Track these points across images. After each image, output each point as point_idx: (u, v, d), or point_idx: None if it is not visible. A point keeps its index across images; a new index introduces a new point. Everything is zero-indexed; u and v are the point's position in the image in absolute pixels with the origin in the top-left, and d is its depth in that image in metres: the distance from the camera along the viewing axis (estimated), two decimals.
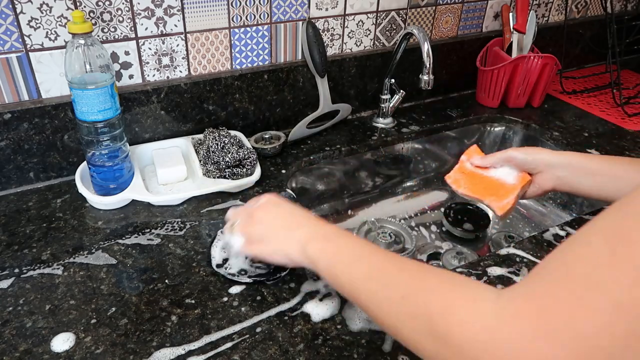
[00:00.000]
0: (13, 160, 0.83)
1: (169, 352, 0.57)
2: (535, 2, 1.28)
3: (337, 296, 0.65)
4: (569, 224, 0.81)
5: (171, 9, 0.86)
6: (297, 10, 0.98)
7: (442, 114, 1.17)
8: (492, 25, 1.25)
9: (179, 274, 0.68)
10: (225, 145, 0.87)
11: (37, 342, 0.58)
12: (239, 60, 0.97)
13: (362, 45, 1.10)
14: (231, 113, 0.99)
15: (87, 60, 0.72)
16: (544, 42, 1.27)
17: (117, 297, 0.64)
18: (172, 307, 0.63)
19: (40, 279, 0.67)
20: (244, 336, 0.59)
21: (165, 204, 0.82)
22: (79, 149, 0.87)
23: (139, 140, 0.92)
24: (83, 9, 0.79)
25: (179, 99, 0.92)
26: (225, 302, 0.64)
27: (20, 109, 0.80)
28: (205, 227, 0.77)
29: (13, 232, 0.75)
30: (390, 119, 1.12)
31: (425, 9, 1.13)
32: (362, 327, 0.61)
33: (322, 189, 1.04)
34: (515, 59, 1.13)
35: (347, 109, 1.09)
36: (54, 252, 0.71)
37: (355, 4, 1.04)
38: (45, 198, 0.83)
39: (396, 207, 1.13)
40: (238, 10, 0.92)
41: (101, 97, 0.74)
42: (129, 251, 0.72)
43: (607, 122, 1.15)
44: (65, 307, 0.63)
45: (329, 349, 0.58)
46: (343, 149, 1.02)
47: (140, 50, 0.87)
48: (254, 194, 0.86)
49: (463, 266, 0.72)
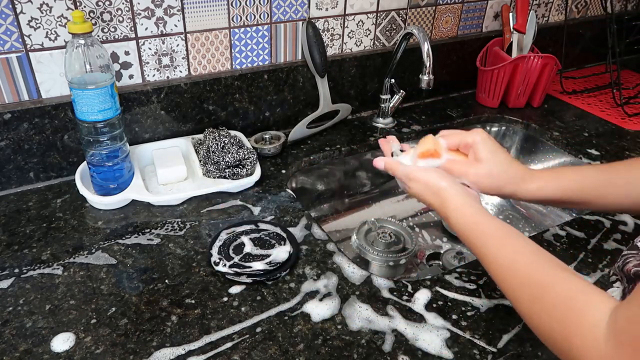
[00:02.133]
0: (13, 160, 0.83)
1: (169, 352, 0.57)
2: (535, 2, 1.28)
3: (337, 296, 0.65)
4: (569, 224, 0.81)
5: (171, 9, 0.86)
6: (297, 10, 0.98)
7: (442, 114, 1.17)
8: (492, 25, 1.25)
9: (179, 274, 0.68)
10: (225, 145, 0.87)
11: (37, 342, 0.58)
12: (239, 60, 0.97)
13: (362, 45, 1.10)
14: (231, 113, 0.99)
15: (87, 60, 0.72)
16: (544, 42, 1.27)
17: (117, 297, 0.64)
18: (172, 307, 0.63)
19: (40, 279, 0.67)
20: (244, 336, 0.60)
21: (165, 204, 0.82)
22: (79, 149, 0.87)
23: (139, 140, 0.92)
24: (83, 9, 0.79)
25: (179, 99, 0.92)
26: (225, 302, 0.64)
27: (20, 109, 0.80)
28: (205, 227, 0.77)
29: (13, 232, 0.75)
30: (390, 119, 1.12)
31: (425, 9, 1.13)
32: (362, 327, 0.61)
33: (322, 189, 1.04)
34: (515, 59, 1.13)
35: (347, 109, 1.09)
36: (54, 252, 0.71)
37: (355, 4, 1.04)
38: (45, 198, 0.83)
39: (396, 207, 1.13)
40: (238, 10, 0.92)
41: (101, 97, 0.74)
42: (129, 251, 0.72)
43: (607, 122, 1.15)
44: (65, 307, 0.63)
45: (329, 349, 0.58)
46: (343, 149, 1.02)
47: (140, 50, 0.87)
48: (254, 194, 0.86)
49: (463, 266, 0.72)
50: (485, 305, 0.65)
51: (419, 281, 0.69)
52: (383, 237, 0.92)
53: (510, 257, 0.52)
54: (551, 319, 0.45)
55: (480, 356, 0.58)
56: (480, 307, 0.65)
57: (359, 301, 0.65)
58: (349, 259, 0.72)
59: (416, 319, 0.62)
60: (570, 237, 0.78)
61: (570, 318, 0.43)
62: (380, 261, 0.89)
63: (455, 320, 0.63)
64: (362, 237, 0.93)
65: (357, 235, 0.92)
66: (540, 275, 0.49)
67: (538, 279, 0.49)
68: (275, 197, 0.85)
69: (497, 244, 0.54)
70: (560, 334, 0.44)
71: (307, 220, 0.80)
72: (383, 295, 0.66)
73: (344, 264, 0.71)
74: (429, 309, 0.64)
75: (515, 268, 0.51)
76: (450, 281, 0.69)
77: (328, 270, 0.70)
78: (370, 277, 0.69)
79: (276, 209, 0.82)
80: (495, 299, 0.66)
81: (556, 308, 0.45)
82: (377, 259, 0.89)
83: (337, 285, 0.67)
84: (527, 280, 0.49)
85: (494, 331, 0.61)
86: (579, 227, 0.81)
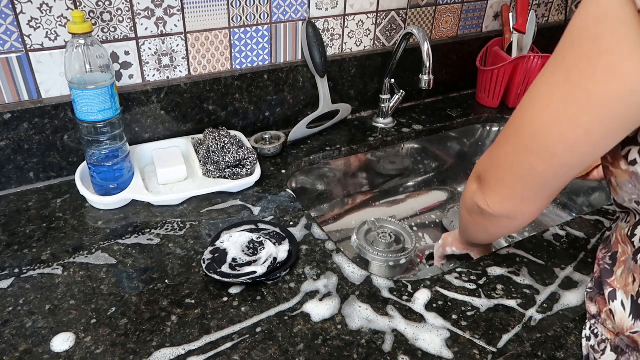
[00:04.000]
0: (13, 160, 0.83)
1: (169, 352, 0.57)
2: (535, 2, 1.28)
3: (337, 296, 0.65)
4: (569, 224, 0.82)
5: (171, 9, 0.86)
6: (297, 10, 0.98)
7: (442, 114, 1.17)
8: (492, 25, 1.25)
9: (179, 274, 0.68)
10: (225, 145, 0.87)
11: (37, 342, 0.58)
12: (239, 60, 0.97)
13: (362, 45, 1.10)
14: (231, 113, 0.99)
15: (87, 60, 0.72)
16: (544, 42, 1.27)
17: (117, 297, 0.64)
18: (172, 307, 0.63)
19: (40, 279, 0.67)
20: (244, 336, 0.60)
21: (165, 204, 0.82)
22: (79, 149, 0.87)
23: (139, 140, 0.92)
24: (83, 9, 0.79)
25: (179, 99, 0.92)
26: (225, 302, 0.64)
27: (20, 109, 0.80)
28: (205, 227, 0.77)
29: (13, 232, 0.75)
30: (390, 119, 1.12)
31: (425, 9, 1.13)
32: (362, 327, 0.61)
33: (322, 189, 1.04)
34: (515, 59, 1.13)
35: (347, 109, 1.09)
36: (54, 252, 0.71)
37: (355, 4, 1.04)
38: (45, 198, 0.83)
39: (396, 207, 1.13)
40: (238, 10, 0.92)
41: (101, 97, 0.74)
42: (129, 251, 0.72)
43: None
44: (65, 307, 0.63)
45: (329, 349, 0.58)
46: (343, 149, 1.02)
47: (140, 50, 0.87)
48: (254, 194, 0.86)
49: (463, 266, 0.72)
50: (485, 305, 0.65)
51: (419, 281, 0.69)
52: (383, 237, 0.92)
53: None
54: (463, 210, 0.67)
55: (480, 356, 0.58)
56: (480, 307, 0.65)
57: (359, 301, 0.65)
58: (349, 259, 0.72)
59: (416, 319, 0.62)
60: (570, 237, 0.78)
61: (465, 196, 0.65)
62: (380, 261, 0.89)
63: (455, 320, 0.63)
64: (362, 237, 0.93)
65: (357, 235, 0.92)
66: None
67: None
68: (275, 197, 0.85)
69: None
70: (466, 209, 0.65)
71: (307, 220, 0.80)
72: (383, 295, 0.66)
73: (344, 264, 0.71)
74: (429, 309, 0.64)
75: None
76: (450, 281, 0.69)
77: (328, 270, 0.70)
78: (370, 277, 0.69)
79: (276, 209, 0.82)
80: (495, 299, 0.66)
81: (465, 201, 0.65)
82: (377, 259, 0.89)
83: (337, 285, 0.67)
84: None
85: (494, 331, 0.61)
86: (579, 227, 0.81)
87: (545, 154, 0.48)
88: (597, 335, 0.58)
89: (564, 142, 0.46)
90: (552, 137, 0.47)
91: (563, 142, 0.46)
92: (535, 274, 0.70)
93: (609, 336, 0.57)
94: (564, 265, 0.72)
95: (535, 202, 0.55)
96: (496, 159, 0.56)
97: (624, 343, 0.55)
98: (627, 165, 0.49)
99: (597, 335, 0.58)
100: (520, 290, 0.68)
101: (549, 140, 0.47)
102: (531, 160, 0.50)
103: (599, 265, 0.60)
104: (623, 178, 0.50)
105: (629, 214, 0.55)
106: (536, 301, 0.66)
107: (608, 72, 0.40)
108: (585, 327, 0.61)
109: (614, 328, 0.56)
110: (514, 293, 0.67)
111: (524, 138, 0.50)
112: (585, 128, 0.44)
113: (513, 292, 0.67)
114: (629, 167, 0.49)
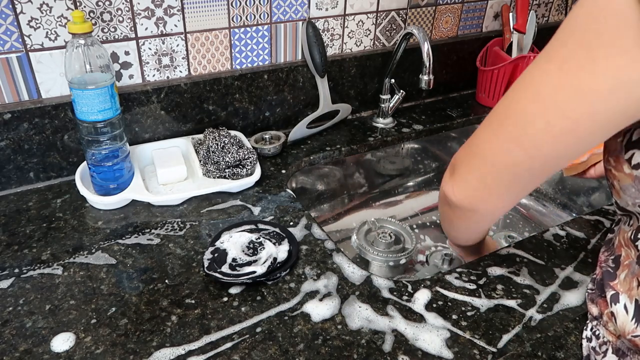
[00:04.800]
0: (13, 160, 0.83)
1: (169, 352, 0.57)
2: (535, 2, 1.28)
3: (337, 296, 0.65)
4: (569, 224, 0.82)
5: (171, 9, 0.86)
6: (297, 10, 0.98)
7: (442, 114, 1.17)
8: (492, 25, 1.25)
9: (179, 274, 0.68)
10: (225, 145, 0.87)
11: (37, 342, 0.58)
12: (239, 60, 0.97)
13: (362, 45, 1.10)
14: (231, 113, 0.99)
15: (87, 60, 0.72)
16: (544, 42, 1.26)
17: (117, 297, 0.64)
18: (172, 307, 0.63)
19: (40, 279, 0.67)
20: (244, 336, 0.60)
21: (165, 204, 0.82)
22: (79, 149, 0.87)
23: (139, 140, 0.92)
24: (83, 9, 0.79)
25: (179, 99, 0.92)
26: (225, 302, 0.64)
27: (20, 109, 0.80)
28: (205, 227, 0.77)
29: (13, 232, 0.75)
30: (390, 119, 1.12)
31: (425, 9, 1.13)
32: (362, 327, 0.61)
33: (322, 189, 1.04)
34: (515, 59, 1.13)
35: (347, 109, 1.09)
36: (54, 252, 0.71)
37: (355, 4, 1.04)
38: (45, 198, 0.83)
39: (396, 207, 1.13)
40: (238, 10, 0.92)
41: (101, 97, 0.74)
42: (129, 251, 0.72)
43: None
44: (65, 307, 0.63)
45: (329, 349, 0.58)
46: (343, 149, 1.02)
47: (140, 50, 0.87)
48: (254, 194, 0.86)
49: (463, 266, 0.72)
50: (485, 305, 0.65)
51: (419, 281, 0.69)
52: (383, 237, 0.92)
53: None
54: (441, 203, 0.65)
55: (480, 356, 0.58)
56: (480, 307, 0.65)
57: (359, 301, 0.65)
58: (349, 259, 0.72)
59: (416, 319, 0.62)
60: (570, 237, 0.78)
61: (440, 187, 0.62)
62: (380, 261, 0.89)
63: (455, 320, 0.63)
64: (362, 237, 0.93)
65: (357, 235, 0.92)
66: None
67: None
68: (275, 197, 0.85)
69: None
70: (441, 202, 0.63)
71: (307, 220, 0.80)
72: (383, 295, 0.66)
73: (344, 264, 0.71)
74: (429, 309, 0.64)
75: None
76: (450, 281, 0.69)
77: (328, 270, 0.70)
78: (370, 277, 0.69)
79: (276, 209, 0.82)
80: (495, 299, 0.66)
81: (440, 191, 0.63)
82: (377, 259, 0.89)
83: (337, 285, 0.67)
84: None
85: (494, 331, 0.61)
86: (579, 227, 0.81)
87: (527, 142, 0.47)
88: (598, 337, 0.58)
89: (549, 132, 0.45)
90: (538, 125, 0.46)
91: (549, 132, 0.45)
92: (535, 274, 0.70)
93: (610, 338, 0.57)
94: (564, 265, 0.72)
95: (502, 198, 0.54)
96: (475, 147, 0.54)
97: (625, 346, 0.55)
98: (631, 169, 0.48)
99: (598, 337, 0.58)
100: (520, 290, 0.68)
101: (534, 128, 0.46)
102: (510, 147, 0.49)
103: (600, 268, 0.60)
104: (626, 182, 0.50)
105: (631, 217, 0.55)
106: (536, 301, 0.66)
107: (606, 64, 0.40)
108: (586, 327, 0.60)
109: (615, 330, 0.56)
110: (514, 293, 0.67)
111: (507, 125, 0.49)
112: (574, 119, 0.43)
113: (513, 292, 0.67)
114: (633, 171, 0.48)
